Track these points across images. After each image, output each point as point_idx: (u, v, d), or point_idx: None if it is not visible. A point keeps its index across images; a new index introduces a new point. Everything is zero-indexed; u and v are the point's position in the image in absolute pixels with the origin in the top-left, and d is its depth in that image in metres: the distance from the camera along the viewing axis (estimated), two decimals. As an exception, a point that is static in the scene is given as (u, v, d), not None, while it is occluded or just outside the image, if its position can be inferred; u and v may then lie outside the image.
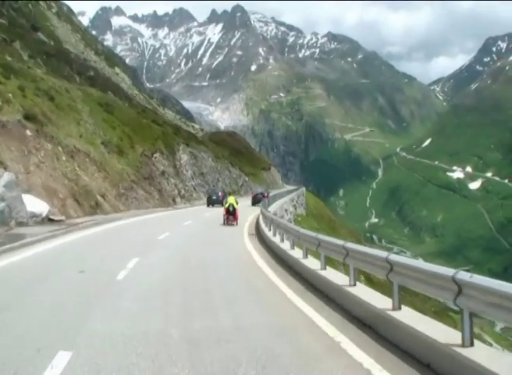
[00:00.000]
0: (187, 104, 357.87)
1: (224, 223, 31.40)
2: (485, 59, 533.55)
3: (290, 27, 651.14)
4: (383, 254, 8.53)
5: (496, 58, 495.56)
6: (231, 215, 31.74)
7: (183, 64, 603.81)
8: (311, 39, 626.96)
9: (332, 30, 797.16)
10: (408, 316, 7.53)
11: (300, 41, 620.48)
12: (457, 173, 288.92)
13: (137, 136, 59.86)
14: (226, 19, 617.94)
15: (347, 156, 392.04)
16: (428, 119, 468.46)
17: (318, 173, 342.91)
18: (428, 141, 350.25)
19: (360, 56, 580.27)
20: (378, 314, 8.06)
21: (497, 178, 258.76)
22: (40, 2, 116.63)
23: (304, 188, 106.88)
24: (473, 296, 5.99)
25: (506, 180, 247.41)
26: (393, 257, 8.13)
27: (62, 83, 55.21)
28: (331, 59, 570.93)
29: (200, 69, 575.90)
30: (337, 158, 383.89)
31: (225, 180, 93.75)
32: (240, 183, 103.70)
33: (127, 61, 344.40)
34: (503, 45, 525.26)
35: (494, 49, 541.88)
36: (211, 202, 59.47)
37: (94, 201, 36.23)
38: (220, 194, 61.89)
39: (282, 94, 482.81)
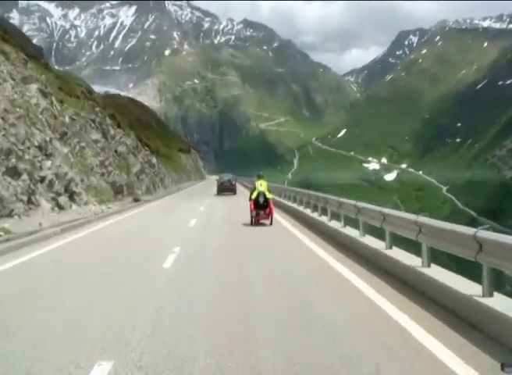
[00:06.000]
0: (98, 88, 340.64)
1: (252, 223, 21.17)
2: (398, 52, 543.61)
3: (206, 13, 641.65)
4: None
5: (408, 51, 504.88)
6: (261, 209, 21.26)
7: (94, 47, 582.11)
8: (227, 25, 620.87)
9: (247, 17, 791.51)
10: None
11: (216, 27, 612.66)
12: (373, 165, 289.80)
13: None
14: (140, 2, 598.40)
15: (262, 145, 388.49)
16: (343, 108, 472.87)
17: (232, 162, 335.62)
18: (343, 132, 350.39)
19: (275, 44, 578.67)
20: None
21: (412, 170, 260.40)
22: None
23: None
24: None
25: (421, 172, 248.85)
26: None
27: None
28: (246, 47, 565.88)
29: (112, 52, 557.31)
30: (252, 148, 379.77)
31: (90, 154, 36.78)
32: (135, 169, 49.84)
33: (35, 41, 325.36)
34: (415, 40, 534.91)
35: (406, 43, 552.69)
36: (223, 189, 50.04)
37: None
38: (232, 180, 52.42)
39: (196, 81, 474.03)
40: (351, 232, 14.55)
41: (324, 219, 18.84)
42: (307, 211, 22.90)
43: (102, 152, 40.06)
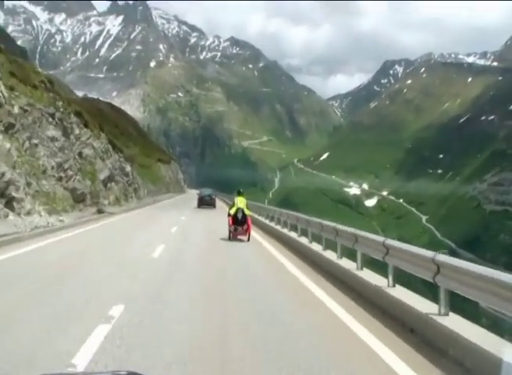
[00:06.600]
0: (81, 95, 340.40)
1: (229, 238, 21.68)
2: (383, 81, 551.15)
3: (193, 28, 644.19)
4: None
5: (392, 81, 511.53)
6: (240, 225, 21.81)
7: (79, 53, 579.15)
8: (213, 42, 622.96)
9: (234, 35, 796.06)
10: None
11: (202, 43, 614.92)
12: (354, 189, 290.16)
13: None
14: (127, 12, 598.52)
15: (244, 163, 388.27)
16: (326, 132, 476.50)
17: (213, 178, 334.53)
18: (325, 155, 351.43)
19: (261, 64, 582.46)
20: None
21: (392, 197, 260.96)
22: None
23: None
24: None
25: (401, 200, 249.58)
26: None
27: None
28: (232, 64, 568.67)
29: (97, 60, 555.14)
30: (234, 165, 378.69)
31: (44, 153, 30.59)
32: (103, 176, 43.43)
33: (19, 43, 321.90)
34: (400, 70, 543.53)
35: (391, 72, 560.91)
36: (203, 203, 53.17)
37: None
38: (212, 195, 56.45)
39: (180, 94, 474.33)
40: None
41: (312, 244, 17.89)
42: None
43: (61, 153, 33.37)
